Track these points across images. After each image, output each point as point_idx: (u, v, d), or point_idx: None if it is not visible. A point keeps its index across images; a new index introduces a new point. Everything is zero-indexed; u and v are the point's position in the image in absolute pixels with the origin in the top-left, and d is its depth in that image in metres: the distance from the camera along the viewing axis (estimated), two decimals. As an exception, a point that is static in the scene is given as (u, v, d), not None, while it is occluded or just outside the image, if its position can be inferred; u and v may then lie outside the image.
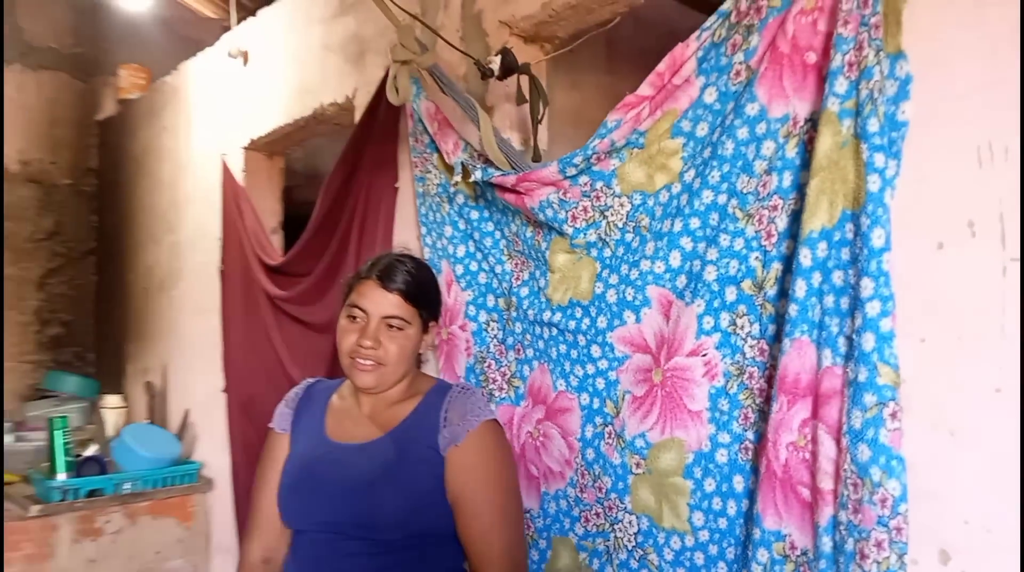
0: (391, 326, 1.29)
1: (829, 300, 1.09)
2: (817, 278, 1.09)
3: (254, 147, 2.55)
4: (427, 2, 1.59)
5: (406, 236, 1.84)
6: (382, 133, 1.89)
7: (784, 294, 1.18)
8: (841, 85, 1.06)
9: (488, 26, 1.67)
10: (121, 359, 3.42)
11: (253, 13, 2.58)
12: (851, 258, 1.06)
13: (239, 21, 2.67)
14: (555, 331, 1.54)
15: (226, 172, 2.60)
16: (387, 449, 1.29)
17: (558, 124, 1.86)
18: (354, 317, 1.30)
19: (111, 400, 3.10)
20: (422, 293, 1.32)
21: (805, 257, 1.09)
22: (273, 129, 2.40)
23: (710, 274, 1.27)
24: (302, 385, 1.47)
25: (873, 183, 1.02)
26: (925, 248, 1.03)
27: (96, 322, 3.74)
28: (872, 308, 1.01)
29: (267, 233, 2.54)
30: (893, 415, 1.00)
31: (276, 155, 2.62)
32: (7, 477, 2.61)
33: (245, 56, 2.57)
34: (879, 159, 1.03)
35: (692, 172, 1.32)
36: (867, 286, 1.02)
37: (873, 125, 1.03)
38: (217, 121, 2.74)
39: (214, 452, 2.69)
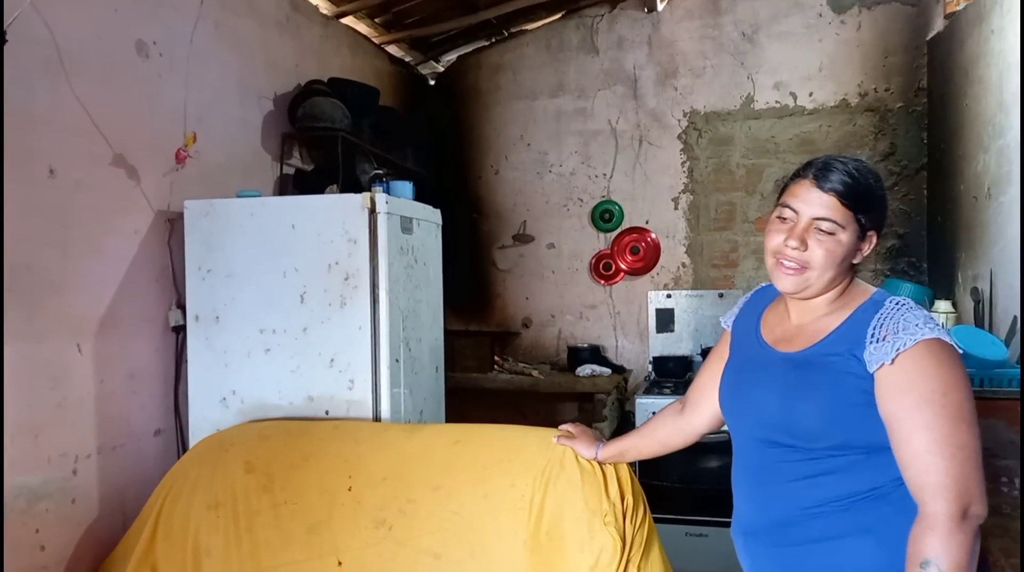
0: (821, 229, 1.22)
1: None
2: None
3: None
4: None
5: None
6: None
7: None
8: None
9: None
10: (951, 267, 3.57)
11: None
12: None
13: None
14: None
15: (1056, 63, 2.41)
16: (811, 361, 1.26)
17: None
18: (784, 217, 1.27)
19: (941, 306, 3.32)
20: (861, 197, 1.20)
21: None
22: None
23: None
24: (757, 288, 1.51)
25: None
26: None
27: (928, 234, 3.96)
28: None
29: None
30: None
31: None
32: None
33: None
34: None
35: None
36: None
37: None
38: (1047, 9, 2.55)
39: (1048, 361, 2.60)
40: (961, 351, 1.20)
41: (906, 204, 4.02)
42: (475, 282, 4.71)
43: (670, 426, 1.70)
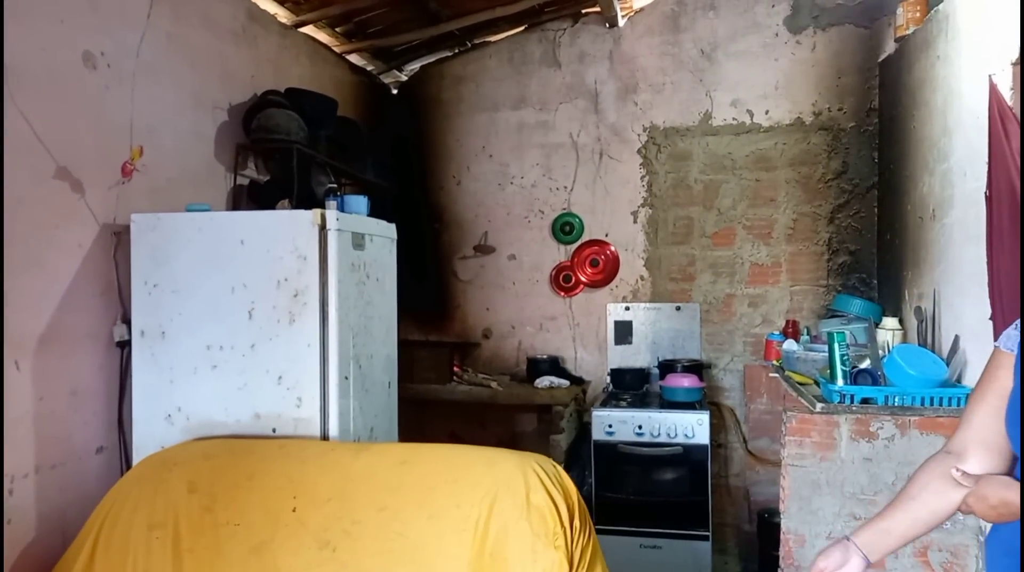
0: None
1: None
2: None
3: (1024, 60, 2.36)
4: None
5: None
6: None
7: None
8: None
9: None
10: (899, 285, 3.65)
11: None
12: None
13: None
14: None
15: (993, 92, 2.48)
16: None
17: None
18: None
19: (888, 322, 3.40)
20: None
21: None
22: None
23: None
24: None
25: None
26: None
27: (878, 251, 4.06)
28: None
29: (1041, 152, 2.33)
30: None
31: (1052, 64, 2.35)
32: (800, 379, 3.22)
33: (1015, -38, 2.38)
34: None
35: None
36: None
37: None
38: (986, 40, 2.63)
39: (984, 380, 2.67)
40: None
41: (857, 221, 4.11)
42: (436, 292, 4.70)
43: (957, 486, 1.37)
